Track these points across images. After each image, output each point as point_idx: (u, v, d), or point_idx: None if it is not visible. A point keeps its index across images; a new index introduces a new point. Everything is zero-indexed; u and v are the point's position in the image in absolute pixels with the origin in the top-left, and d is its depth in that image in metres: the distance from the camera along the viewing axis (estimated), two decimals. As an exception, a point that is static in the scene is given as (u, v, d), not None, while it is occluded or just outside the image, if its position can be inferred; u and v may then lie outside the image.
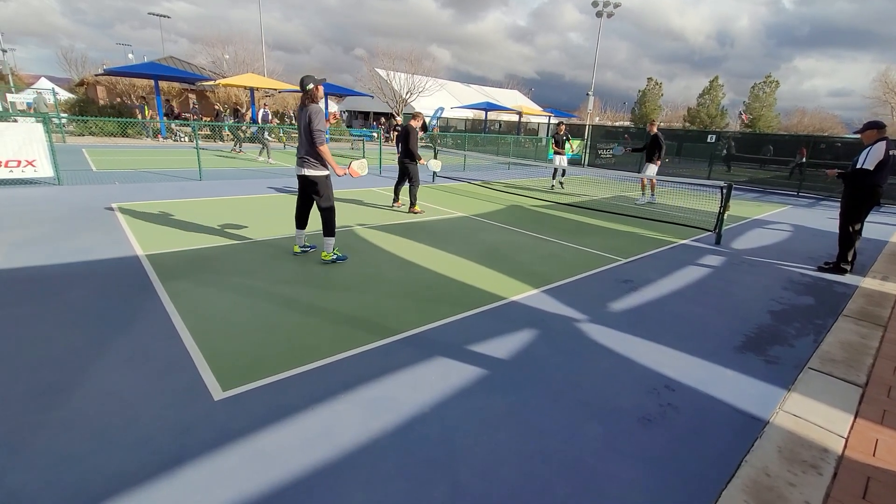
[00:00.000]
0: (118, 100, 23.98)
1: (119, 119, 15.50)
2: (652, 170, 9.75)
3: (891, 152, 4.98)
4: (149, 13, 44.21)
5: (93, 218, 6.04)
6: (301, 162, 4.53)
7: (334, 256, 4.75)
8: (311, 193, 4.69)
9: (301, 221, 4.94)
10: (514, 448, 2.21)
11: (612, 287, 4.56)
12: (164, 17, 47.40)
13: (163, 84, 25.61)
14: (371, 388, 2.62)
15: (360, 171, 5.05)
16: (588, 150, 20.27)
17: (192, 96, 29.22)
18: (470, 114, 31.03)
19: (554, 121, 32.17)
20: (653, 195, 10.36)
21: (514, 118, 29.50)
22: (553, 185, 11.67)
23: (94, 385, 2.50)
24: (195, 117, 20.48)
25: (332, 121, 14.84)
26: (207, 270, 4.35)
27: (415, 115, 7.78)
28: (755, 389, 2.85)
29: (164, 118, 19.78)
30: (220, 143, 20.23)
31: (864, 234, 5.60)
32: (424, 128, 8.58)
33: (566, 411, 2.53)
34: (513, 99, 42.57)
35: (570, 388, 2.76)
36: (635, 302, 4.20)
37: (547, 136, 24.13)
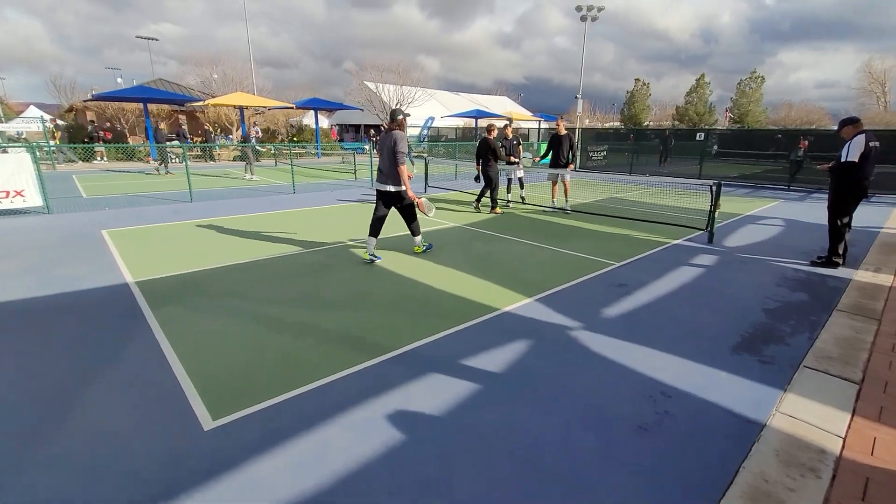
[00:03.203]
0: (107, 124, 23.99)
1: (88, 145, 15.72)
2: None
3: (871, 143, 5.03)
4: (136, 37, 44.39)
5: (82, 245, 6.00)
6: (385, 179, 5.26)
7: (424, 247, 5.80)
8: (394, 205, 5.42)
9: (375, 231, 5.44)
10: (509, 465, 2.19)
11: (606, 292, 4.55)
12: (153, 39, 47.66)
13: (152, 106, 25.68)
14: (364, 409, 2.59)
15: (427, 210, 5.93)
16: (580, 153, 20.39)
17: (182, 117, 29.27)
18: (460, 122, 31.21)
19: (544, 126, 32.40)
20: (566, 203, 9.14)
21: (504, 124, 29.82)
22: (509, 203, 9.71)
23: (81, 419, 2.46)
24: (186, 139, 20.49)
25: (256, 136, 14.99)
26: (199, 294, 4.32)
27: (489, 129, 8.72)
28: (751, 391, 2.83)
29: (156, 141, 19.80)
30: (212, 162, 20.26)
31: (855, 225, 5.63)
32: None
33: (561, 423, 2.50)
34: (502, 105, 42.86)
35: (565, 398, 2.74)
36: (629, 306, 4.19)
37: (538, 141, 24.25)
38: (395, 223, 7.69)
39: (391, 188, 5.28)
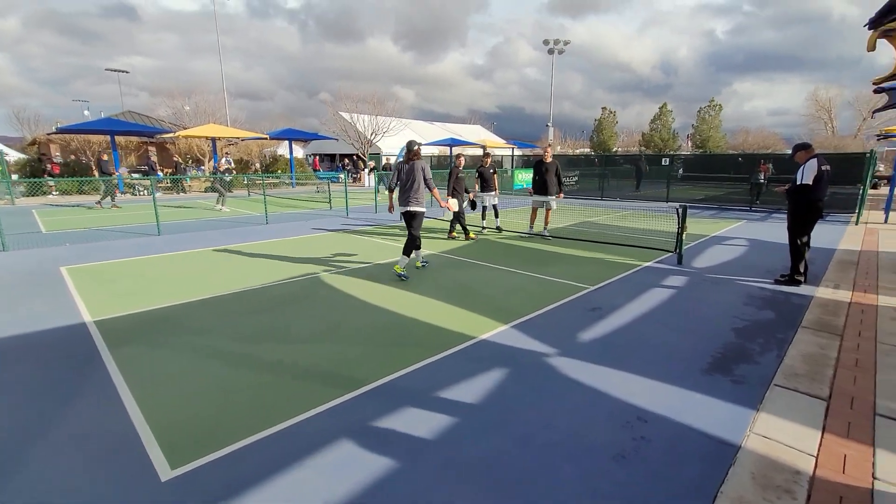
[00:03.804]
0: (71, 157, 23.36)
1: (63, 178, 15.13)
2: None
3: (822, 167, 5.33)
4: (106, 69, 43.86)
5: (38, 284, 5.71)
6: (407, 201, 5.99)
7: (402, 273, 5.99)
8: (409, 221, 6.05)
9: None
10: (489, 501, 2.11)
11: (581, 316, 4.59)
12: (123, 72, 47.18)
13: (120, 139, 25.20)
14: (337, 449, 2.48)
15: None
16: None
17: (152, 149, 28.82)
18: (435, 150, 31.71)
19: (518, 153, 33.24)
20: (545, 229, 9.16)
21: (479, 152, 30.38)
22: (484, 228, 9.77)
23: (28, 473, 2.27)
24: (155, 171, 20.09)
25: (221, 167, 14.97)
26: (162, 332, 4.14)
27: (457, 157, 8.96)
28: (725, 412, 2.86)
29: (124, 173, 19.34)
30: (183, 194, 19.86)
31: (814, 244, 5.89)
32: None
33: (540, 455, 2.45)
34: (476, 133, 43.88)
35: (543, 428, 2.69)
36: (604, 330, 4.22)
37: (512, 168, 24.80)
38: (369, 253, 7.63)
39: (412, 208, 6.01)
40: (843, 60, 79.48)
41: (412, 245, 6.05)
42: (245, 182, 20.88)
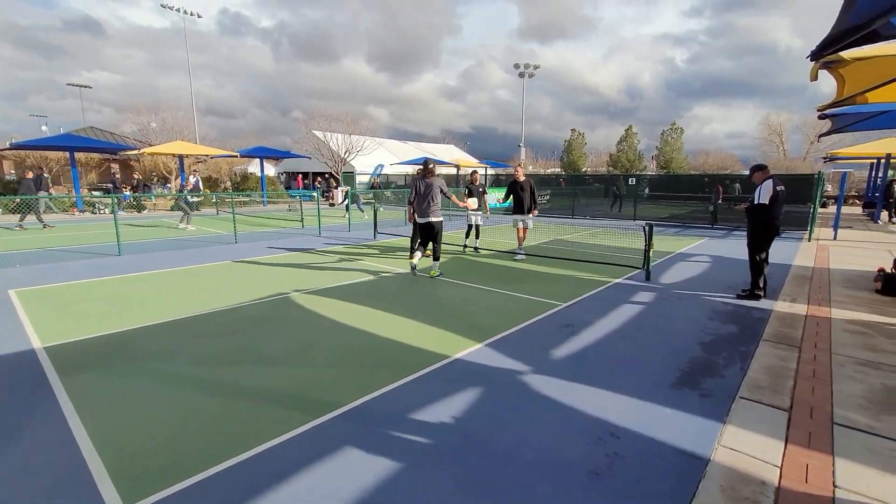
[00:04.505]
0: (29, 174, 22.28)
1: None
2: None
3: (778, 188, 5.64)
4: (68, 84, 42.49)
5: (-17, 309, 5.34)
6: (425, 214, 6.91)
7: (439, 272, 7.08)
8: (432, 232, 7.00)
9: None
10: (461, 527, 2.07)
11: (554, 333, 4.63)
12: (86, 87, 45.89)
13: (81, 155, 24.29)
14: (305, 478, 2.39)
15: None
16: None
17: (115, 166, 27.88)
18: (410, 169, 31.92)
19: (491, 172, 33.80)
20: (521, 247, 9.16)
21: (453, 171, 30.74)
22: (466, 247, 9.72)
23: (-43, 521, 2.08)
24: (119, 188, 19.39)
25: (190, 186, 14.89)
26: (119, 358, 3.92)
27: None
28: (694, 426, 2.91)
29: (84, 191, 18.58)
30: (145, 212, 19.18)
31: (771, 260, 6.19)
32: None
33: (515, 474, 2.43)
34: (449, 153, 44.48)
35: (518, 446, 2.67)
36: (576, 346, 4.27)
37: (485, 186, 25.10)
38: (341, 272, 7.53)
39: (432, 219, 6.92)
40: (791, 88, 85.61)
41: (438, 250, 7.09)
42: (214, 200, 20.37)
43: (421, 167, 7.41)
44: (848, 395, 3.27)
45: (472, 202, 8.83)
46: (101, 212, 18.18)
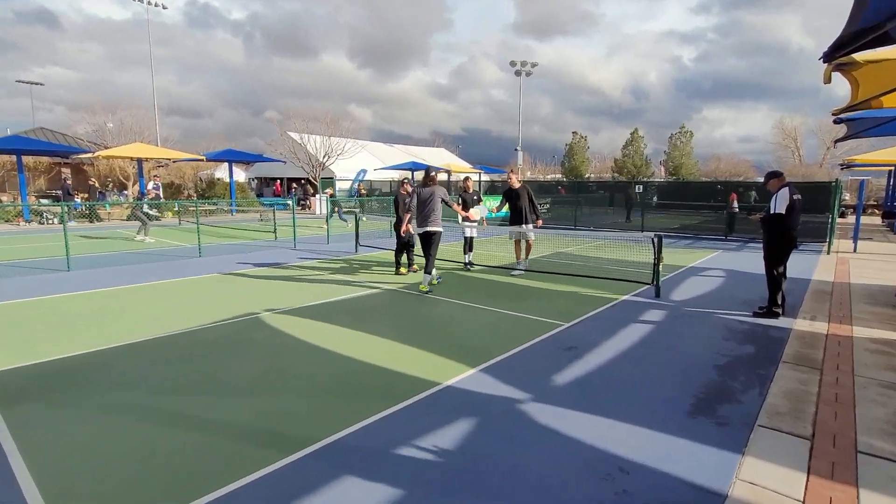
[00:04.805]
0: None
1: None
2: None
3: (794, 196, 5.77)
4: (17, 81, 42.24)
5: (-90, 332, 5.20)
6: (426, 223, 7.32)
7: (429, 288, 7.21)
8: (430, 242, 7.35)
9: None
10: (453, 576, 2.04)
11: (556, 356, 4.64)
12: (38, 84, 45.55)
13: (28, 159, 24.01)
14: (276, 523, 2.34)
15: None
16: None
17: (66, 171, 27.58)
18: (396, 174, 32.04)
19: (485, 178, 34.06)
20: (524, 260, 9.18)
21: (443, 177, 30.94)
22: (467, 265, 9.43)
23: None
24: (71, 195, 19.15)
25: (150, 194, 15.03)
26: (69, 387, 3.84)
27: (402, 183, 9.51)
28: (710, 458, 2.92)
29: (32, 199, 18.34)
30: (98, 222, 18.95)
31: (789, 275, 6.30)
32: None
33: (513, 516, 2.41)
34: (440, 157, 44.78)
35: (514, 485, 2.66)
36: (580, 371, 4.28)
37: (479, 192, 25.27)
38: (317, 290, 7.50)
39: (430, 228, 7.32)
40: (805, 89, 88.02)
41: (432, 263, 7.28)
42: (176, 209, 20.20)
43: (409, 173, 7.69)
44: (872, 419, 3.31)
45: (476, 212, 8.80)
46: (50, 222, 17.92)
